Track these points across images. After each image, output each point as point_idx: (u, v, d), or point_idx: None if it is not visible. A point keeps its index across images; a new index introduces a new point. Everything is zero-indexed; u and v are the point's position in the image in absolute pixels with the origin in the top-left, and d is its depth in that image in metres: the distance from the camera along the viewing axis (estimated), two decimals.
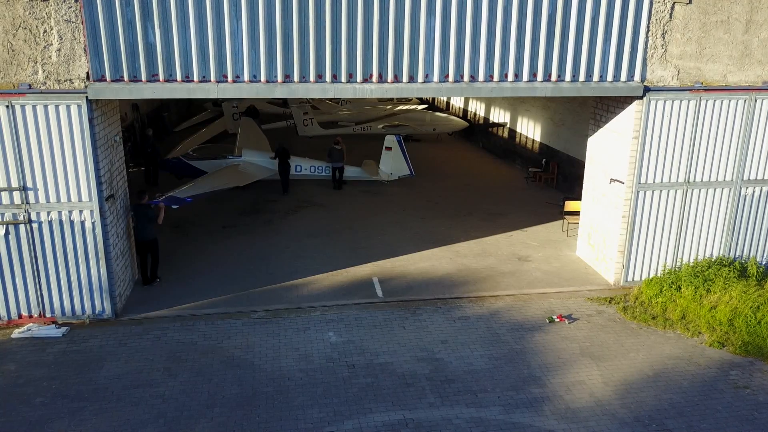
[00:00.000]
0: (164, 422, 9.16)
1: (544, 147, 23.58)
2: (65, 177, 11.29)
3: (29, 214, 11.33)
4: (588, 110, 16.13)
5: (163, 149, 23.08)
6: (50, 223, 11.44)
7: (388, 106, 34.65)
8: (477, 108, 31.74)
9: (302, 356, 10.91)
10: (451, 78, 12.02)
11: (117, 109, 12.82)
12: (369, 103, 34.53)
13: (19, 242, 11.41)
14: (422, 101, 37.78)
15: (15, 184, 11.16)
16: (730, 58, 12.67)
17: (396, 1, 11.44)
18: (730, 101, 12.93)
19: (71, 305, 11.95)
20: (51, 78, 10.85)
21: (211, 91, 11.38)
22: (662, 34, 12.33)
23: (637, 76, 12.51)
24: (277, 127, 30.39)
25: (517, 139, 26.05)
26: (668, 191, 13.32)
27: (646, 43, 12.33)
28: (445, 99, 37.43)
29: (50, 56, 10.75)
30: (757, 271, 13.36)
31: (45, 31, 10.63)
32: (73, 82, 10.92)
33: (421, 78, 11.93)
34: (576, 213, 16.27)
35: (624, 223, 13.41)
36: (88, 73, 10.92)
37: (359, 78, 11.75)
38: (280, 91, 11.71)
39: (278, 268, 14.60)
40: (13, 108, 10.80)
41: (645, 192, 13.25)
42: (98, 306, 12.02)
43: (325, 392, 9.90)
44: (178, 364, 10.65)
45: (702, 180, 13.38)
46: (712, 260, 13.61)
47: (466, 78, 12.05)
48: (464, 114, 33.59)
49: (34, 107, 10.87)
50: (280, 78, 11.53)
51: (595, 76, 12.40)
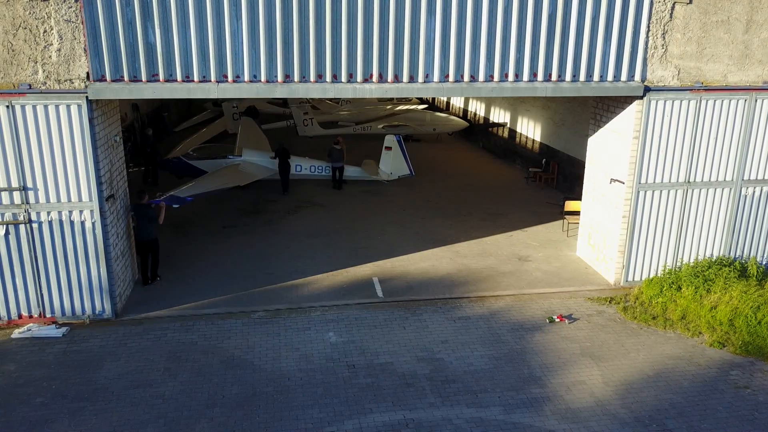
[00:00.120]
0: (164, 422, 9.16)
1: (545, 147, 23.58)
2: (65, 177, 11.28)
3: (29, 214, 11.32)
4: (588, 110, 16.12)
5: (163, 149, 23.09)
6: (50, 223, 11.43)
7: (388, 106, 34.64)
8: (477, 108, 31.74)
9: (302, 356, 10.90)
10: (452, 78, 12.01)
11: (117, 109, 12.82)
12: (369, 103, 34.52)
13: (19, 242, 11.41)
14: (422, 101, 37.77)
15: (15, 184, 11.15)
16: (730, 57, 12.66)
17: (396, 1, 11.43)
18: (730, 101, 12.93)
19: (71, 305, 11.94)
20: (51, 78, 10.84)
21: (211, 91, 11.38)
22: (662, 34, 12.33)
23: (637, 76, 12.50)
24: (277, 127, 30.39)
25: (518, 139, 26.04)
26: (668, 191, 13.32)
27: (646, 43, 12.32)
28: (445, 99, 37.43)
29: (50, 56, 10.74)
30: (757, 271, 13.35)
31: (45, 31, 10.63)
32: (73, 82, 10.92)
33: (421, 78, 11.93)
34: (576, 213, 16.27)
35: (624, 223, 13.40)
36: (88, 73, 10.92)
37: (359, 78, 11.74)
38: (280, 91, 11.71)
39: (278, 268, 14.60)
40: (13, 108, 10.80)
41: (645, 192, 13.24)
42: (98, 306, 12.02)
43: (326, 392, 9.90)
44: (179, 364, 10.65)
45: (702, 180, 13.38)
46: (713, 260, 13.60)
47: (467, 78, 12.05)
48: (464, 114, 33.59)
49: (34, 107, 10.87)
50: (280, 78, 11.53)
51: (596, 76, 12.39)
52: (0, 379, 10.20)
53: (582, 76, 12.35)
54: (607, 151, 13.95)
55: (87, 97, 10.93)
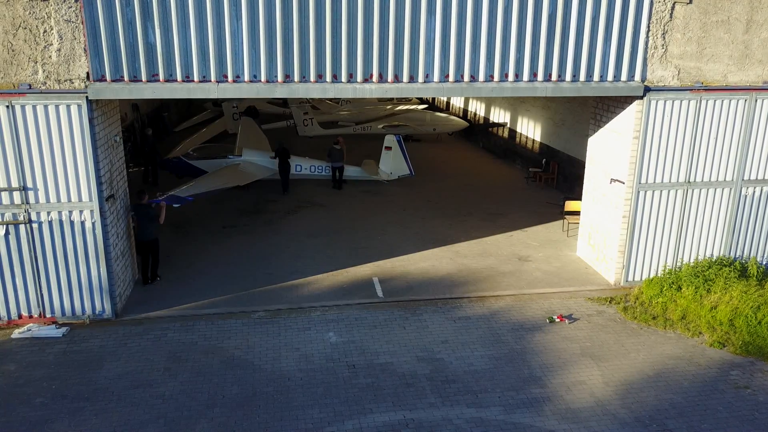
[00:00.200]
0: (164, 422, 9.15)
1: (545, 147, 23.58)
2: (65, 177, 11.28)
3: (29, 214, 11.32)
4: (588, 110, 16.12)
5: (163, 149, 23.09)
6: (50, 223, 11.43)
7: (388, 106, 34.64)
8: (477, 108, 31.74)
9: (302, 356, 10.90)
10: (452, 78, 12.01)
11: (117, 109, 12.82)
12: (369, 103, 34.52)
13: (19, 242, 11.40)
14: (422, 101, 37.77)
15: (15, 184, 11.15)
16: (730, 57, 12.66)
17: (396, 1, 11.43)
18: (730, 101, 12.93)
19: (71, 305, 11.94)
20: (51, 78, 10.84)
21: (212, 91, 11.37)
22: (663, 33, 12.33)
23: (637, 76, 12.50)
24: (277, 127, 30.39)
25: (518, 139, 26.04)
26: (669, 191, 13.32)
27: (646, 43, 12.32)
28: (445, 99, 37.43)
29: (50, 56, 10.74)
30: (757, 271, 13.35)
31: (45, 31, 10.62)
32: (73, 82, 10.92)
33: (421, 78, 11.92)
34: (576, 213, 16.27)
35: (624, 223, 13.40)
36: (88, 73, 10.91)
37: (359, 78, 11.74)
38: (280, 91, 11.70)
39: (278, 268, 14.59)
40: (13, 108, 10.80)
41: (645, 192, 13.24)
42: (98, 306, 12.02)
43: (326, 392, 9.90)
44: (179, 364, 10.65)
45: (702, 180, 13.37)
46: (713, 260, 13.60)
47: (467, 78, 12.04)
48: (464, 114, 33.59)
49: (34, 107, 10.86)
50: (280, 78, 11.52)
51: (596, 76, 12.39)
52: (0, 379, 10.20)
53: (582, 76, 12.35)
54: (607, 151, 13.95)
55: (87, 97, 10.93)
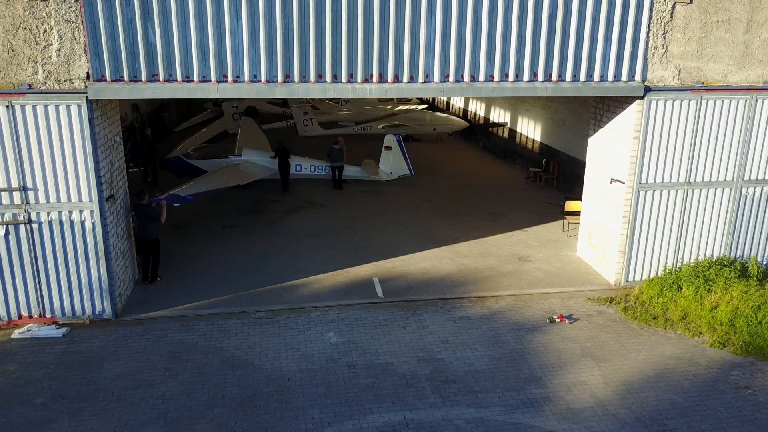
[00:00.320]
0: (164, 423, 9.15)
1: (545, 147, 23.57)
2: (65, 177, 11.27)
3: (29, 214, 11.31)
4: (588, 110, 16.11)
5: (163, 149, 23.08)
6: (50, 223, 11.42)
7: (388, 106, 34.63)
8: (477, 108, 31.73)
9: (303, 356, 10.89)
10: (452, 78, 12.00)
11: (117, 109, 12.81)
12: (369, 103, 34.51)
13: (19, 242, 11.39)
14: (422, 101, 37.76)
15: (15, 184, 11.14)
16: (730, 57, 12.65)
17: (396, 1, 11.42)
18: (730, 101, 12.92)
19: (71, 305, 11.93)
20: (51, 78, 10.83)
21: (212, 91, 11.37)
22: (663, 33, 12.32)
23: (637, 76, 12.49)
24: (277, 127, 30.39)
25: (518, 139, 26.03)
26: (669, 191, 13.31)
27: (646, 42, 12.31)
28: (446, 99, 37.42)
29: (50, 56, 10.73)
30: (757, 272, 13.34)
31: (45, 31, 10.62)
32: (73, 82, 10.91)
33: (421, 78, 11.92)
34: (576, 213, 16.26)
35: (624, 223, 13.39)
36: (88, 73, 10.91)
37: (360, 78, 11.73)
38: (280, 91, 11.70)
39: (278, 268, 14.59)
40: (13, 108, 10.79)
41: (646, 192, 13.24)
42: (98, 306, 12.01)
43: (326, 393, 9.89)
44: (179, 364, 10.64)
45: (702, 180, 13.37)
46: (713, 260, 13.60)
47: (467, 78, 12.04)
48: (464, 114, 33.58)
49: (34, 107, 10.85)
50: (280, 78, 11.52)
51: (596, 76, 12.38)
52: (0, 379, 10.19)
53: (582, 76, 12.34)
54: (608, 151, 13.94)
55: (87, 97, 10.92)
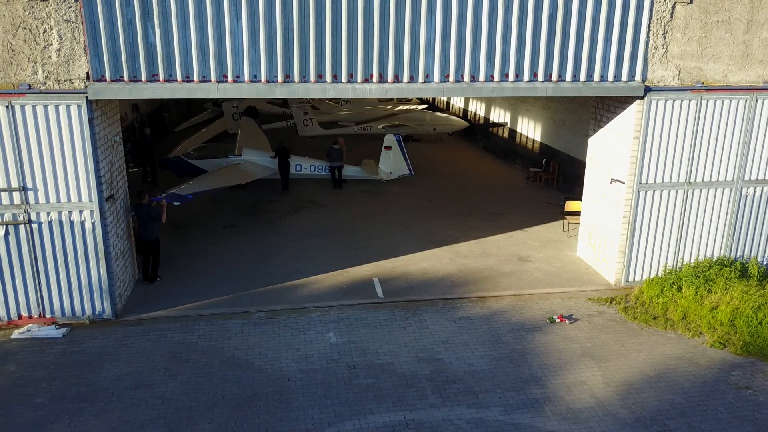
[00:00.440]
0: (164, 423, 9.14)
1: (545, 147, 23.56)
2: (65, 177, 11.27)
3: (29, 214, 11.30)
4: (588, 110, 16.10)
5: (163, 149, 23.07)
6: (50, 223, 11.41)
7: (389, 106, 34.63)
8: (477, 108, 31.72)
9: (303, 357, 10.89)
10: (452, 78, 12.00)
11: (117, 109, 12.80)
12: (369, 103, 34.51)
13: (18, 243, 11.39)
14: (422, 101, 37.75)
15: (15, 184, 11.13)
16: (731, 57, 12.65)
17: (396, 1, 11.41)
18: (731, 101, 12.91)
19: (71, 306, 11.92)
20: (51, 78, 10.83)
21: (212, 91, 11.36)
22: (663, 33, 12.31)
23: (637, 76, 12.49)
24: (277, 127, 30.39)
25: (518, 139, 26.02)
26: (669, 191, 13.30)
27: (647, 42, 12.30)
28: (446, 99, 37.41)
29: (50, 56, 10.72)
30: (758, 272, 13.33)
31: (45, 31, 10.61)
32: (73, 82, 10.90)
33: (421, 78, 11.91)
34: (576, 213, 16.25)
35: (625, 223, 13.38)
36: (88, 73, 10.90)
37: (360, 78, 11.72)
38: (280, 91, 11.69)
39: (278, 269, 14.58)
40: (12, 108, 10.78)
41: (646, 192, 13.23)
42: (98, 306, 12.00)
43: (326, 393, 9.88)
44: (179, 364, 10.63)
45: (703, 180, 13.36)
46: (713, 260, 13.59)
47: (467, 78, 12.03)
48: (464, 114, 33.57)
49: (33, 107, 10.85)
50: (280, 78, 11.51)
51: (596, 76, 12.38)
52: (0, 379, 10.18)
53: (582, 76, 12.33)
54: (608, 151, 13.93)
55: (87, 97, 10.92)
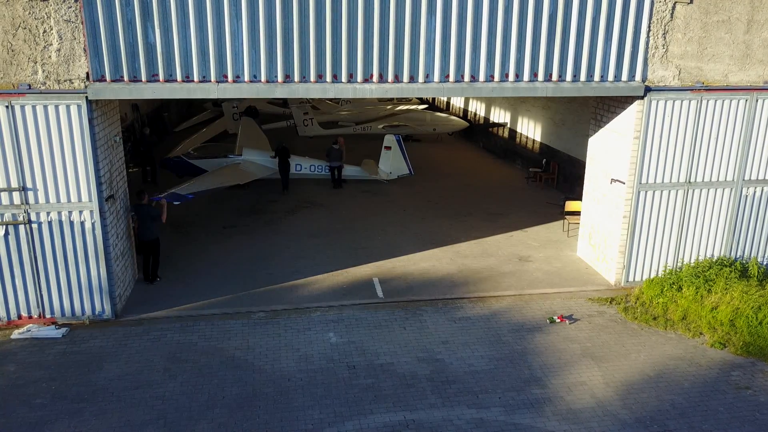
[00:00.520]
0: (164, 423, 9.14)
1: (545, 147, 23.55)
2: (65, 177, 11.26)
3: (29, 214, 11.30)
4: (588, 110, 16.09)
5: (163, 149, 23.06)
6: (50, 223, 11.41)
7: (389, 106, 34.62)
8: (477, 108, 31.71)
9: (302, 357, 10.88)
10: (452, 78, 11.99)
11: (117, 110, 12.80)
12: (369, 103, 34.50)
13: (18, 243, 11.38)
14: (422, 101, 37.75)
15: (15, 184, 11.13)
16: (731, 57, 12.64)
17: (396, 1, 11.41)
18: (731, 101, 12.91)
19: (71, 306, 11.92)
20: (51, 78, 10.82)
21: (212, 91, 11.35)
22: (663, 33, 12.31)
23: (638, 76, 12.48)
24: (277, 127, 30.38)
25: (518, 139, 26.02)
26: (669, 191, 13.30)
27: (647, 43, 12.30)
28: (446, 99, 37.40)
29: (50, 56, 10.72)
30: (758, 272, 13.33)
31: (45, 31, 10.60)
32: (72, 82, 10.90)
33: (421, 78, 11.90)
34: (577, 213, 16.25)
35: (625, 223, 13.38)
36: (87, 73, 10.89)
37: (360, 78, 11.72)
38: (280, 91, 11.68)
39: (278, 269, 14.57)
40: (12, 108, 10.78)
41: (646, 192, 13.22)
42: (98, 307, 12.00)
43: (326, 393, 9.88)
44: (179, 364, 10.63)
45: (703, 180, 13.35)
46: (713, 260, 13.58)
47: (467, 78, 12.02)
48: (464, 114, 33.56)
49: (33, 107, 10.84)
50: (280, 78, 11.50)
51: (596, 76, 12.37)
52: (0, 379, 10.17)
53: (582, 76, 12.33)
54: (608, 151, 13.93)
55: (87, 97, 10.91)
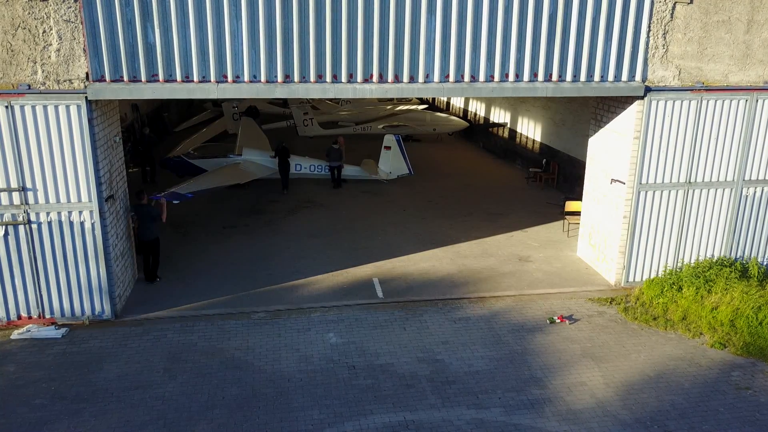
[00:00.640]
0: (164, 423, 9.13)
1: (545, 147, 23.55)
2: (65, 177, 11.25)
3: (29, 214, 11.29)
4: (589, 110, 16.10)
5: (162, 149, 23.06)
6: (50, 223, 11.40)
7: (388, 106, 34.62)
8: (477, 108, 31.71)
9: (302, 357, 10.88)
10: (452, 78, 11.98)
11: (117, 110, 12.79)
12: (369, 103, 34.50)
13: (18, 243, 11.37)
14: (422, 101, 37.74)
15: (14, 184, 11.12)
16: (731, 57, 12.63)
17: (396, 1, 11.40)
18: (731, 101, 12.90)
19: (71, 306, 11.91)
20: (50, 78, 10.81)
21: (211, 92, 11.35)
22: (663, 33, 12.30)
23: (638, 76, 12.47)
24: (277, 127, 30.38)
25: (518, 139, 26.01)
26: (669, 191, 13.29)
27: (647, 43, 12.29)
28: (446, 99, 37.40)
29: (49, 56, 10.71)
30: (758, 272, 13.32)
31: (44, 31, 10.60)
32: (72, 83, 10.89)
33: (421, 78, 11.89)
34: (577, 213, 16.24)
35: (625, 223, 13.37)
36: (87, 74, 10.89)
37: (360, 78, 11.71)
38: (280, 92, 11.67)
39: (278, 269, 14.57)
40: (12, 108, 10.77)
41: (646, 192, 13.21)
42: (98, 307, 11.99)
43: (326, 393, 9.87)
44: (178, 365, 10.62)
45: (703, 180, 13.35)
46: (713, 261, 13.58)
47: (467, 78, 12.02)
48: (464, 114, 33.56)
49: (33, 108, 10.83)
50: (280, 78, 11.50)
51: (596, 76, 12.36)
52: None
53: (582, 77, 12.32)
54: (608, 152, 13.92)
55: (86, 97, 10.91)
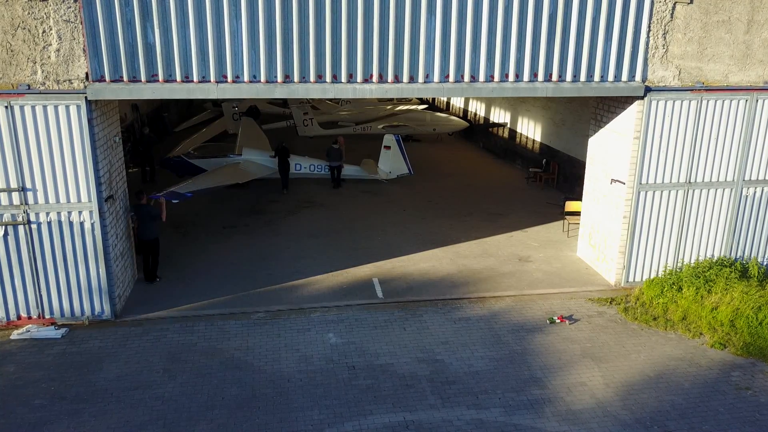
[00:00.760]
0: (164, 424, 9.13)
1: (545, 147, 23.54)
2: (64, 178, 11.25)
3: (28, 215, 11.29)
4: (588, 110, 16.09)
5: (162, 149, 23.06)
6: (49, 224, 11.40)
7: (388, 107, 34.62)
8: (477, 108, 31.70)
9: (302, 357, 10.87)
10: (452, 78, 11.98)
11: (116, 110, 12.79)
12: (369, 103, 34.49)
13: (18, 243, 11.37)
14: (422, 101, 37.74)
15: (14, 184, 11.12)
16: (731, 57, 12.63)
17: (396, 1, 11.40)
18: (731, 101, 12.90)
19: (70, 306, 11.91)
20: (50, 78, 10.81)
21: (211, 92, 11.34)
22: (663, 34, 12.29)
23: (638, 76, 12.47)
24: (277, 127, 30.38)
25: (518, 139, 26.01)
26: (669, 192, 13.29)
27: (647, 43, 12.29)
28: (446, 99, 37.39)
29: (49, 56, 10.71)
30: (758, 272, 13.32)
31: (44, 31, 10.59)
32: (72, 83, 10.88)
33: (421, 78, 11.89)
34: (577, 213, 16.24)
35: (625, 223, 13.37)
36: (87, 74, 10.89)
37: (359, 78, 11.71)
38: (280, 92, 11.67)
39: (278, 269, 14.56)
40: (12, 108, 10.76)
41: (646, 192, 13.21)
42: (97, 307, 11.99)
43: (326, 394, 9.87)
44: (178, 365, 10.62)
45: (703, 180, 13.34)
46: (713, 261, 13.57)
47: (467, 78, 12.01)
48: (464, 114, 33.55)
49: (33, 108, 10.83)
50: (280, 78, 11.49)
51: (596, 76, 12.36)
52: None
53: (582, 77, 12.32)
54: (608, 152, 13.92)
55: (86, 97, 10.90)
